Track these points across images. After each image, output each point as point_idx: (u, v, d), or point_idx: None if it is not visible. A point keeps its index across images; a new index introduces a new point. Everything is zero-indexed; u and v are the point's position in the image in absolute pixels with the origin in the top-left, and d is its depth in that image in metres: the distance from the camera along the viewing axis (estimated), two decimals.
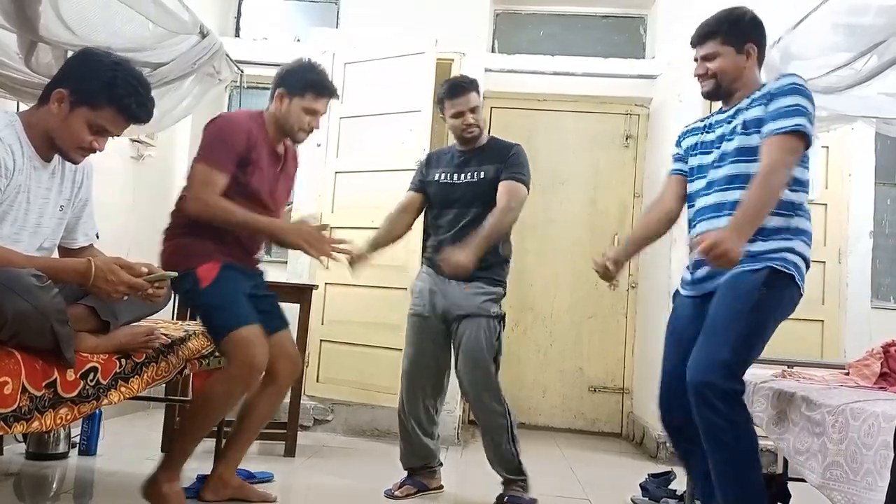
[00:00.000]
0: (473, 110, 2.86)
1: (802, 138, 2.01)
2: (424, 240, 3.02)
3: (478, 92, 2.90)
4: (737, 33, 2.17)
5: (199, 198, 2.33)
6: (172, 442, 2.39)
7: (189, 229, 2.40)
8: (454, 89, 2.88)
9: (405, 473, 2.93)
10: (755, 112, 2.10)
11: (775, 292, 2.03)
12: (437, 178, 2.92)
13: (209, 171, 2.34)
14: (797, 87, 2.05)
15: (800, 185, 2.10)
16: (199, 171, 2.35)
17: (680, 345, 2.23)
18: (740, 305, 2.01)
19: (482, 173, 2.85)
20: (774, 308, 2.04)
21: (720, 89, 2.23)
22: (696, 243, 2.03)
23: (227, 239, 2.42)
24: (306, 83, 2.49)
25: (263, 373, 2.40)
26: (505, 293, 2.88)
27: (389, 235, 2.96)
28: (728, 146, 2.16)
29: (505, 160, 2.84)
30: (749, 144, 2.09)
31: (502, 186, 2.78)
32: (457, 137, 2.94)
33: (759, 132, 2.07)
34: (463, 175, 2.87)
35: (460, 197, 2.86)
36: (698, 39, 2.24)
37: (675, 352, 2.26)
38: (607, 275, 2.29)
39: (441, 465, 2.99)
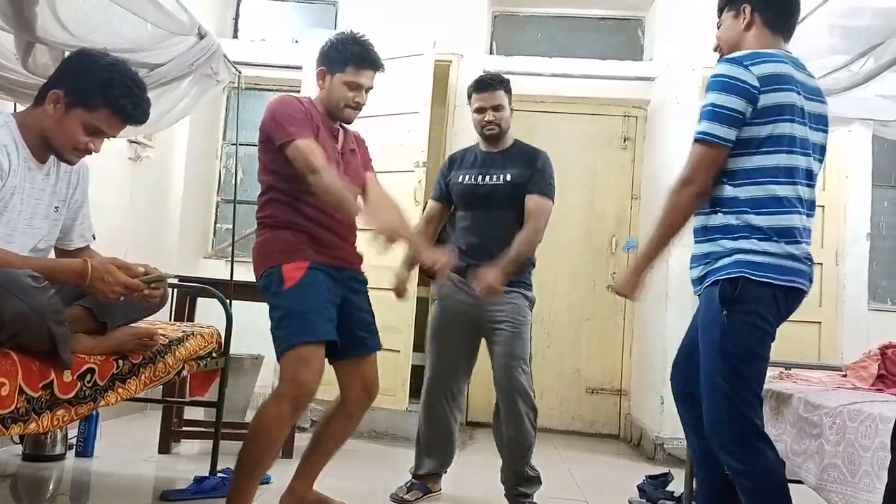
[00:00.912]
0: (496, 108, 2.83)
1: (705, 143, 1.89)
2: (441, 240, 3.01)
3: (507, 91, 2.86)
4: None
5: (313, 168, 2.12)
6: (231, 485, 2.17)
7: (285, 220, 2.23)
8: (480, 83, 2.86)
9: (407, 476, 2.93)
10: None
11: (738, 304, 1.87)
12: (461, 179, 2.89)
13: (299, 147, 2.15)
14: (711, 80, 1.93)
15: (754, 175, 1.90)
16: (297, 148, 2.14)
17: (691, 337, 2.15)
18: (712, 336, 1.91)
19: (507, 176, 2.82)
20: (747, 320, 1.87)
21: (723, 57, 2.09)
22: None
23: (319, 231, 2.25)
24: (346, 56, 2.31)
25: (312, 397, 2.21)
26: (532, 291, 2.89)
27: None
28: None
29: (533, 167, 2.81)
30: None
31: (532, 202, 2.77)
32: (478, 134, 2.92)
33: None
34: (488, 177, 2.85)
35: (485, 199, 2.84)
36: (718, 13, 2.14)
37: (688, 337, 2.19)
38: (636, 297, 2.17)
39: (446, 471, 2.99)
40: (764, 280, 1.86)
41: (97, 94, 1.87)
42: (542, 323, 4.81)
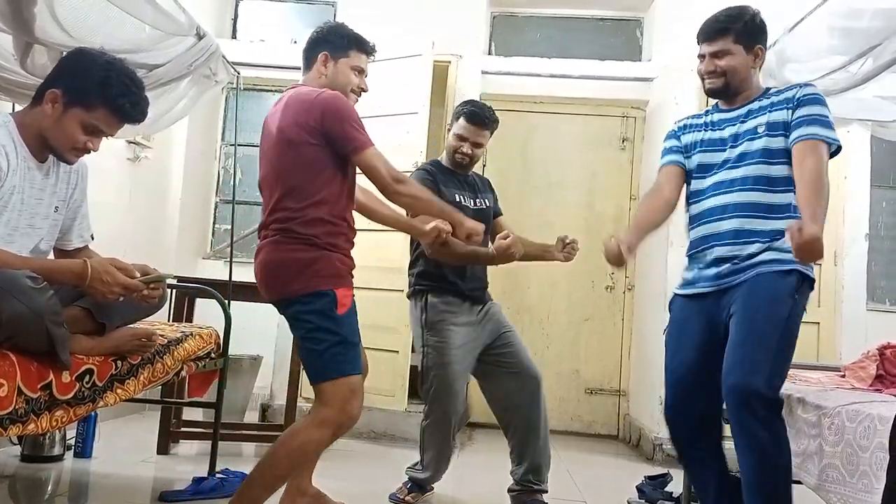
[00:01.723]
0: (477, 145, 2.87)
1: (831, 152, 2.14)
2: (413, 265, 3.02)
3: (492, 133, 2.93)
4: (748, 33, 2.17)
5: (400, 185, 2.10)
6: (241, 490, 2.08)
7: (328, 242, 2.10)
8: (474, 116, 2.85)
9: (405, 477, 2.92)
10: (779, 115, 2.12)
11: (803, 298, 2.06)
12: (455, 199, 2.82)
13: (378, 154, 2.08)
14: (819, 96, 2.13)
15: (791, 184, 2.15)
16: (373, 156, 2.08)
17: (688, 351, 2.19)
18: (779, 311, 1.99)
19: (486, 202, 2.93)
20: (801, 313, 2.05)
21: (728, 88, 2.21)
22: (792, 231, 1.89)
23: (349, 255, 2.20)
24: (349, 40, 2.24)
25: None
26: None
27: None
28: (750, 146, 2.15)
29: (493, 194, 3.02)
30: (777, 146, 2.12)
31: (502, 221, 2.99)
32: (448, 155, 2.95)
33: (784, 135, 2.11)
34: (474, 201, 2.90)
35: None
36: (710, 35, 2.20)
37: (682, 359, 2.21)
38: (620, 260, 2.09)
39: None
40: (812, 279, 2.10)
41: (95, 94, 1.87)
42: (541, 324, 4.81)
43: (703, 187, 2.24)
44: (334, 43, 2.23)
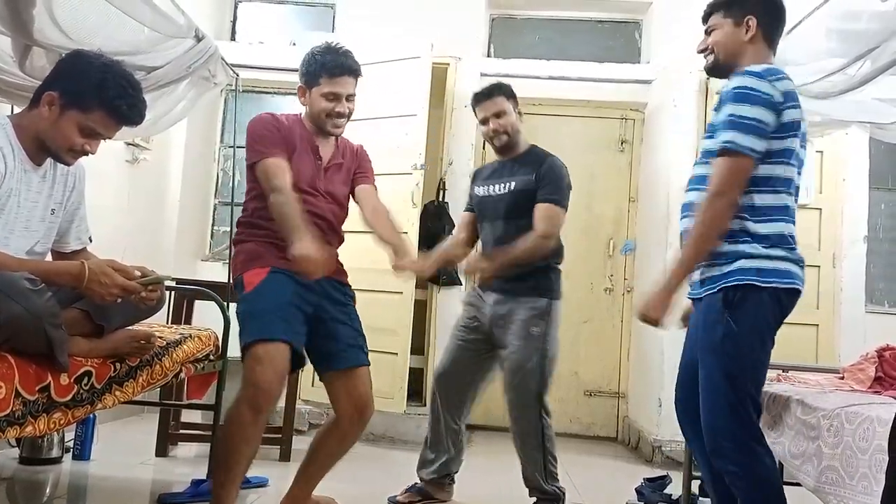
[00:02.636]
0: (498, 115, 2.80)
1: (734, 154, 1.88)
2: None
3: (507, 96, 2.83)
4: (737, 5, 2.09)
5: (273, 187, 2.17)
6: (212, 490, 2.16)
7: (248, 233, 2.31)
8: (478, 95, 2.87)
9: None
10: (718, 115, 2.01)
11: (742, 309, 1.90)
12: (477, 191, 2.92)
13: (264, 167, 2.21)
14: (736, 91, 1.92)
15: (762, 184, 1.94)
16: (259, 171, 2.23)
17: (687, 349, 2.17)
18: (713, 338, 1.93)
19: (512, 184, 2.79)
20: (750, 324, 1.90)
21: (719, 64, 2.13)
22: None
23: (262, 238, 2.28)
24: (318, 68, 2.31)
25: (272, 398, 2.13)
26: (551, 302, 2.76)
27: (450, 254, 3.01)
28: (703, 144, 2.11)
29: (537, 174, 2.76)
30: (708, 147, 2.03)
31: (538, 211, 2.71)
32: (491, 147, 2.92)
33: (712, 136, 2.00)
34: (496, 186, 2.84)
35: (495, 209, 2.83)
36: (705, 15, 2.18)
37: (685, 358, 2.19)
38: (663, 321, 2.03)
39: (453, 482, 2.95)
40: (768, 286, 1.90)
41: (92, 96, 1.86)
42: None
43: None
44: (306, 74, 2.35)
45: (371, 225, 2.40)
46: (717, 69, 2.17)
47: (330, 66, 2.31)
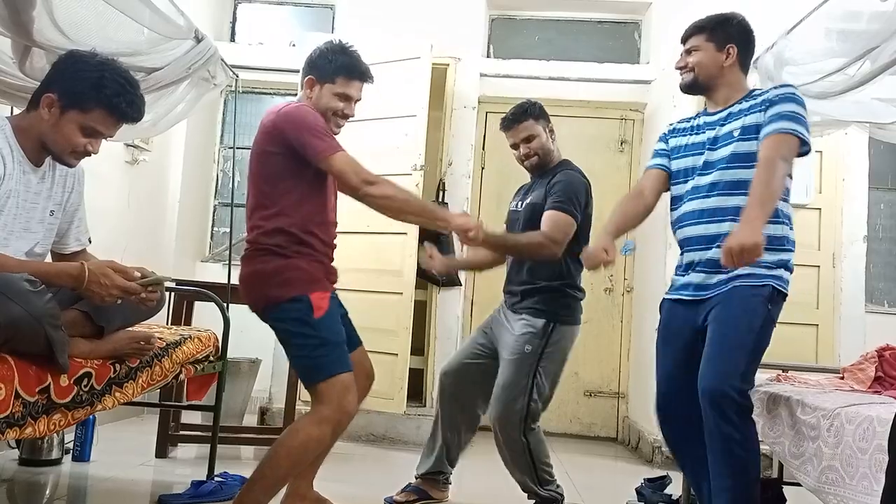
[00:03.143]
0: (528, 140, 2.78)
1: (799, 143, 2.05)
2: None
3: (536, 118, 2.79)
4: (721, 32, 2.24)
5: (370, 187, 2.12)
6: (242, 493, 2.11)
7: (294, 249, 2.15)
8: (505, 122, 2.84)
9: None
10: (753, 118, 2.13)
11: (775, 310, 2.09)
12: (510, 206, 2.94)
13: (348, 158, 2.13)
14: (794, 95, 2.12)
15: (787, 194, 2.15)
16: (340, 161, 2.11)
17: (676, 352, 2.24)
18: (752, 321, 2.05)
19: (528, 199, 2.79)
20: (772, 324, 2.09)
21: (697, 82, 2.28)
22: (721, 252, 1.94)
23: (325, 259, 2.25)
24: (336, 66, 2.27)
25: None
26: (553, 323, 2.67)
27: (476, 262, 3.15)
28: (724, 151, 2.17)
29: (547, 186, 2.72)
30: (748, 150, 2.11)
31: (543, 217, 2.65)
32: (523, 167, 2.91)
33: (756, 138, 2.10)
34: (519, 202, 2.86)
35: (512, 225, 2.84)
36: (686, 35, 2.31)
37: (671, 360, 2.27)
38: (606, 260, 2.24)
39: (449, 482, 2.93)
40: (785, 293, 2.12)
41: (90, 95, 1.86)
42: None
43: (682, 192, 2.30)
44: (321, 68, 2.30)
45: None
46: (693, 87, 2.31)
47: (349, 68, 2.29)
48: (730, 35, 2.23)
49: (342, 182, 2.18)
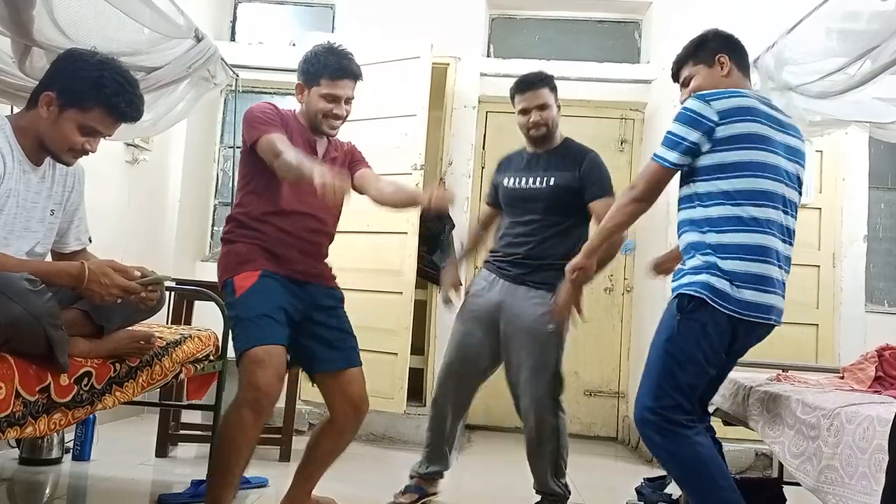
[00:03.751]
0: (542, 107, 2.74)
1: (658, 166, 2.12)
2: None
3: (552, 89, 2.77)
4: (704, 50, 2.22)
5: (276, 151, 2.10)
6: (206, 493, 2.18)
7: (238, 233, 2.29)
8: (521, 84, 2.77)
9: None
10: None
11: (689, 319, 2.00)
12: (505, 182, 2.82)
13: (266, 139, 2.15)
14: (677, 113, 2.11)
15: (722, 198, 2.02)
16: (263, 143, 2.15)
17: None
18: (660, 336, 2.08)
19: (552, 179, 2.72)
20: (691, 334, 2.00)
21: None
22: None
23: (275, 246, 2.26)
24: (320, 69, 2.31)
25: (273, 400, 2.18)
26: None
27: (471, 251, 3.17)
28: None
29: (580, 171, 2.71)
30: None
31: (599, 207, 2.62)
32: (525, 136, 2.84)
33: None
34: (531, 179, 2.76)
35: (525, 203, 2.76)
36: (674, 74, 2.31)
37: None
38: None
39: (442, 476, 2.94)
40: (716, 304, 1.97)
41: (89, 94, 1.86)
42: None
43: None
44: (307, 73, 2.35)
45: (383, 201, 2.38)
46: None
47: (332, 68, 2.31)
48: (713, 48, 2.20)
49: (268, 162, 2.15)
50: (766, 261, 1.98)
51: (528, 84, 2.76)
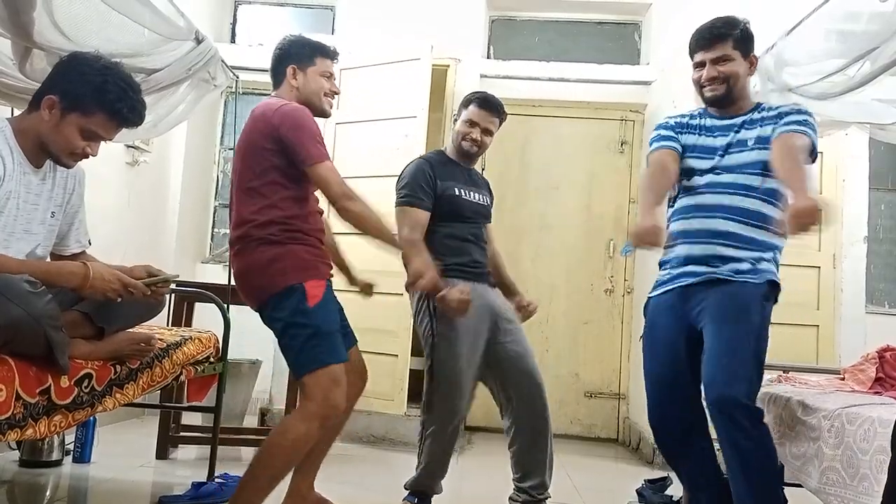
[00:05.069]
0: (487, 132, 2.80)
1: (812, 148, 2.11)
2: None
3: (502, 121, 2.87)
4: (745, 40, 2.21)
5: (348, 202, 2.13)
6: (236, 494, 2.10)
7: (286, 236, 2.13)
8: (486, 102, 2.80)
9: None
10: (766, 131, 2.16)
11: (771, 304, 2.10)
12: (456, 192, 2.76)
13: (334, 170, 2.16)
14: (809, 114, 2.18)
15: (776, 198, 2.15)
16: (326, 170, 2.14)
17: (663, 350, 2.21)
18: (753, 320, 2.03)
19: (486, 199, 2.90)
20: (769, 319, 2.09)
21: (730, 95, 2.22)
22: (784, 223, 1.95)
23: (320, 245, 2.24)
24: (312, 49, 2.32)
25: (341, 416, 2.23)
26: None
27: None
28: (741, 157, 2.18)
29: (491, 195, 2.96)
30: (760, 159, 2.14)
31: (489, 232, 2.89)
32: (455, 144, 2.85)
33: (768, 149, 2.13)
34: (474, 195, 2.83)
35: (477, 216, 2.82)
36: (709, 42, 2.20)
37: (658, 361, 2.22)
38: (657, 237, 2.05)
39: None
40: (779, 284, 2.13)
41: (92, 99, 1.86)
42: (540, 326, 4.80)
43: (694, 185, 2.26)
44: (299, 54, 2.33)
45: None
46: (725, 100, 2.23)
47: (324, 48, 2.35)
48: (751, 45, 2.21)
49: (324, 190, 2.18)
50: None
51: (493, 107, 2.80)
